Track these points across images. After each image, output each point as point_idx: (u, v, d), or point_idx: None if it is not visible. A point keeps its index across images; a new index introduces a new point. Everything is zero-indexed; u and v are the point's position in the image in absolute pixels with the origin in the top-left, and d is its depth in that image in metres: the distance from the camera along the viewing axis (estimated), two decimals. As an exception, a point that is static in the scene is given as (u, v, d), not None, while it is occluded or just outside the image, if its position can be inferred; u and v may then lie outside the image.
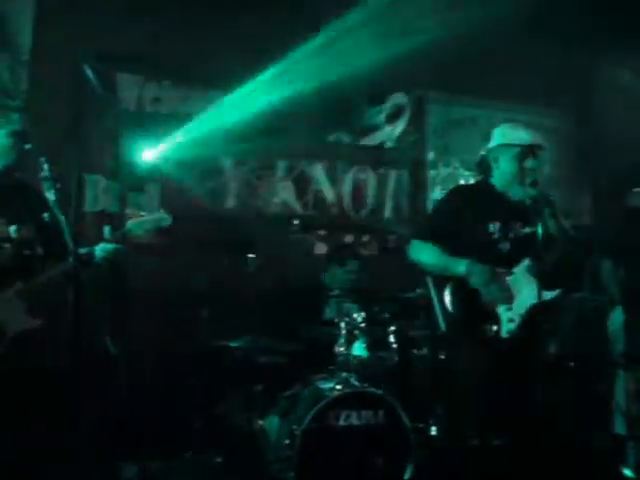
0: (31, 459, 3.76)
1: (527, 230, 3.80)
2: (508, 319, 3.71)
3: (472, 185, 4.48)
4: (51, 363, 3.84)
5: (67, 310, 4.58)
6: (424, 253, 3.88)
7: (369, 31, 6.07)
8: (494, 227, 3.81)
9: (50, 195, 3.29)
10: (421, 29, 6.15)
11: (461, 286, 3.73)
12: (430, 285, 3.98)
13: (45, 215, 3.60)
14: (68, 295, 4.34)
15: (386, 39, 6.13)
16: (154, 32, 5.48)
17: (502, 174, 3.87)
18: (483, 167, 4.00)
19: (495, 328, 3.70)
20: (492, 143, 3.94)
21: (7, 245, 3.50)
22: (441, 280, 3.85)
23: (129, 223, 3.79)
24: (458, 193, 4.13)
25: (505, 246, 3.82)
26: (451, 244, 3.79)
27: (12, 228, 3.51)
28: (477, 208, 3.84)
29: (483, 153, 4.02)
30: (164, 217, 3.90)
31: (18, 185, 3.62)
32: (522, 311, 3.72)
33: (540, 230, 3.57)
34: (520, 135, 3.84)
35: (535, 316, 3.70)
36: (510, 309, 3.72)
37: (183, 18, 5.59)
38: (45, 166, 3.31)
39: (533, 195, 3.67)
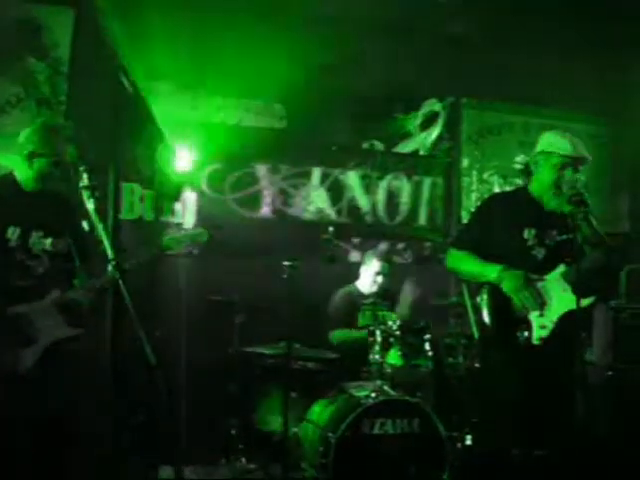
0: (69, 462, 3.81)
1: (562, 237, 3.77)
2: (540, 325, 3.68)
3: (510, 192, 4.47)
4: (90, 372, 3.89)
5: (106, 319, 4.67)
6: (460, 261, 3.88)
7: (402, 37, 6.09)
8: (529, 233, 3.79)
9: (89, 204, 3.33)
10: (451, 34, 6.17)
11: (495, 293, 3.72)
12: (465, 293, 3.97)
13: (84, 224, 3.67)
14: (107, 304, 4.43)
15: (419, 45, 6.15)
16: (191, 41, 5.54)
17: (540, 181, 3.84)
18: (526, 172, 3.97)
19: (526, 334, 3.68)
20: (538, 148, 3.91)
21: (45, 257, 3.55)
22: (476, 288, 3.84)
23: (166, 239, 3.80)
24: (495, 201, 4.12)
25: (540, 253, 3.79)
26: (486, 251, 3.78)
27: (49, 241, 3.56)
28: (513, 214, 3.83)
29: (527, 158, 4.01)
30: (202, 233, 3.92)
31: (55, 198, 3.67)
32: (554, 318, 3.69)
33: (576, 237, 3.55)
34: (564, 145, 3.79)
35: (568, 324, 3.67)
36: (542, 315, 3.69)
37: (217, 27, 5.64)
38: (84, 175, 3.36)
39: (569, 203, 3.64)
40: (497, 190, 6.45)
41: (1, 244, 3.45)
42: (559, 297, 3.70)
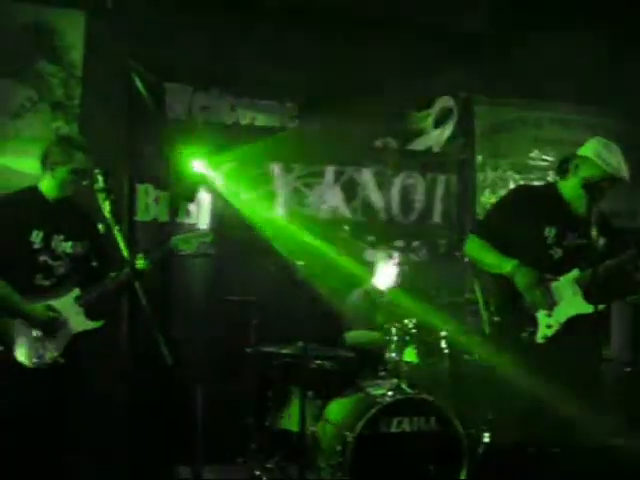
0: (85, 459, 3.87)
1: (582, 241, 3.75)
2: (546, 325, 3.68)
3: (537, 187, 4.46)
4: (108, 366, 4.01)
5: (123, 317, 4.71)
6: (479, 250, 3.88)
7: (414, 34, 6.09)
8: (550, 232, 3.77)
9: (105, 206, 3.45)
10: (465, 31, 6.15)
11: (505, 288, 3.72)
12: (477, 289, 3.97)
13: (100, 226, 3.80)
14: (123, 303, 4.50)
15: (432, 42, 6.13)
16: (202, 43, 5.56)
17: (575, 185, 3.80)
18: (562, 169, 3.92)
19: (531, 332, 3.67)
20: (582, 152, 3.85)
21: (65, 258, 3.83)
22: (487, 284, 3.84)
23: (174, 239, 4.06)
24: (521, 193, 4.11)
25: (557, 253, 3.78)
26: (505, 242, 3.78)
27: (69, 244, 3.83)
28: (537, 210, 3.82)
29: (566, 155, 3.95)
30: (207, 234, 4.20)
31: (74, 205, 3.92)
32: (562, 319, 3.68)
33: (596, 243, 3.54)
34: (612, 161, 3.75)
35: (575, 327, 3.66)
36: (550, 315, 3.69)
37: (229, 29, 5.65)
38: (100, 178, 3.49)
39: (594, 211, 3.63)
40: (512, 186, 6.42)
41: (26, 246, 3.72)
42: (569, 299, 3.70)
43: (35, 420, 3.52)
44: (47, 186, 3.84)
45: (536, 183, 6.17)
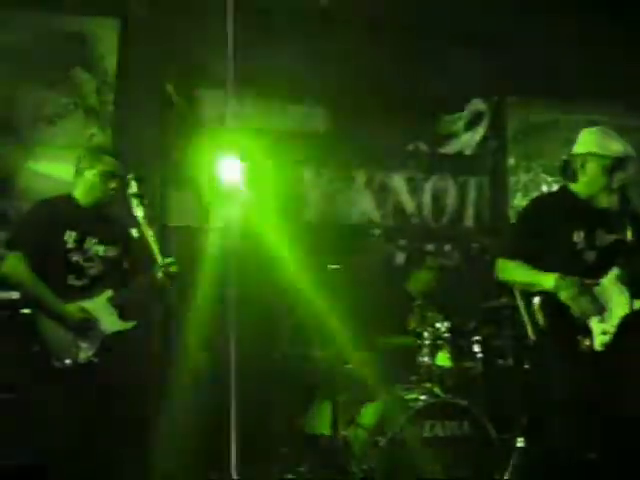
0: (113, 463, 3.90)
1: (613, 237, 3.69)
2: (601, 331, 3.58)
3: (553, 193, 4.37)
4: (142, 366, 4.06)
5: (156, 319, 4.75)
6: (512, 272, 3.77)
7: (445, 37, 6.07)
8: (578, 236, 3.69)
9: (138, 211, 3.49)
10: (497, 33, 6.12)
11: (550, 298, 3.64)
12: (517, 294, 3.90)
13: (133, 231, 3.84)
14: (157, 307, 4.55)
15: (463, 45, 6.11)
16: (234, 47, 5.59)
17: (589, 182, 3.74)
18: (567, 172, 3.87)
19: (588, 342, 3.59)
20: (580, 148, 3.81)
21: (98, 261, 3.90)
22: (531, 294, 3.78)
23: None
24: (540, 204, 3.99)
25: (590, 256, 3.69)
26: (535, 257, 3.70)
27: (102, 248, 3.89)
28: (560, 218, 3.72)
29: (566, 157, 3.91)
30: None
31: (107, 210, 4.00)
32: (616, 322, 3.60)
33: (628, 236, 3.48)
34: (613, 147, 3.69)
35: (630, 326, 3.59)
36: (602, 321, 3.59)
37: (261, 32, 5.67)
38: (133, 183, 3.53)
39: (620, 202, 3.57)
40: (545, 189, 6.36)
41: (60, 246, 3.79)
42: (617, 300, 3.60)
43: (69, 419, 3.57)
44: (79, 191, 3.93)
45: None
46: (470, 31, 6.14)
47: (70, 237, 3.80)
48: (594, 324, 3.59)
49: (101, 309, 3.83)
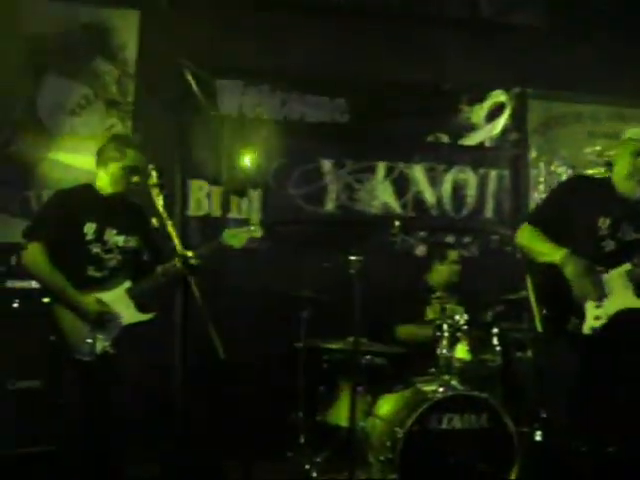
0: (140, 453, 3.93)
1: (637, 235, 3.68)
2: (594, 316, 3.60)
3: (594, 178, 4.39)
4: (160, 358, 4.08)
5: (174, 312, 4.78)
6: (529, 237, 3.83)
7: (466, 28, 6.03)
8: (603, 223, 3.70)
9: (158, 201, 3.49)
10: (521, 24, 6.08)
11: (556, 281, 3.65)
12: (528, 285, 3.91)
13: (153, 221, 3.86)
14: (177, 297, 4.57)
15: (485, 36, 6.07)
16: (252, 39, 5.59)
17: (618, 170, 3.75)
18: (608, 163, 3.90)
19: (577, 322, 3.61)
20: (622, 139, 3.83)
21: (117, 252, 3.93)
22: (538, 278, 3.79)
23: (224, 234, 4.11)
24: (578, 182, 4.05)
25: (610, 245, 3.71)
26: (557, 231, 3.72)
27: (122, 238, 3.94)
28: (593, 200, 3.75)
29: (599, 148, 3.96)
30: (256, 229, 4.21)
31: (128, 201, 4.04)
32: (611, 312, 3.60)
33: None
34: None
35: (624, 321, 3.58)
36: (599, 307, 3.61)
37: (279, 25, 5.67)
38: (153, 173, 3.53)
39: None
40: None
41: (79, 238, 3.82)
42: (620, 293, 3.62)
43: (86, 408, 3.60)
44: (101, 182, 3.96)
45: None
46: (492, 22, 6.11)
47: (90, 229, 3.84)
48: (589, 307, 3.61)
49: (119, 300, 3.85)
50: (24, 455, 4.13)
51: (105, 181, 3.94)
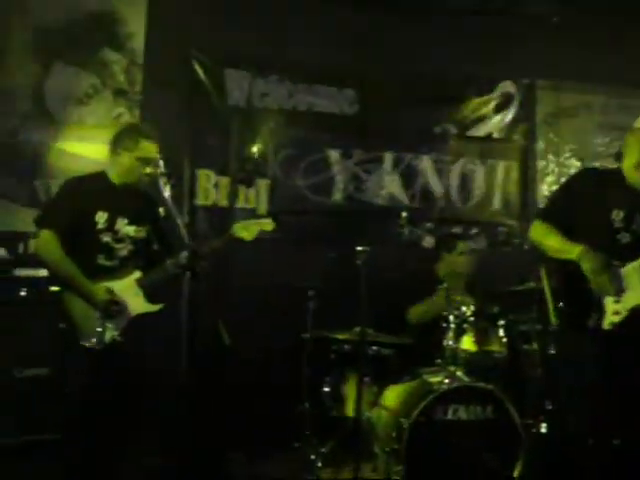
0: (146, 443, 3.94)
1: None
2: (613, 311, 3.58)
3: (604, 169, 4.36)
4: (167, 348, 4.08)
5: (182, 300, 4.80)
6: (543, 234, 3.80)
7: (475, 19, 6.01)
8: (617, 215, 3.67)
9: (166, 191, 3.50)
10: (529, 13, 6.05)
11: (572, 274, 3.64)
12: (543, 277, 3.90)
13: (160, 210, 3.86)
14: (183, 286, 4.59)
15: (494, 25, 6.04)
16: (261, 29, 5.58)
17: (628, 160, 3.73)
18: (618, 154, 3.86)
19: (597, 318, 3.59)
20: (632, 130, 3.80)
21: (128, 241, 3.93)
22: (554, 270, 3.77)
23: (234, 226, 4.09)
24: (588, 176, 4.00)
25: (625, 237, 3.68)
26: (570, 226, 3.70)
27: (132, 228, 3.93)
28: (604, 193, 3.72)
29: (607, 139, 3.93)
30: (268, 222, 4.20)
31: (138, 191, 4.01)
32: (629, 306, 3.58)
33: None
34: None
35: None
36: (618, 302, 3.59)
37: (288, 15, 5.66)
38: (160, 163, 3.54)
39: None
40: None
41: (90, 227, 3.82)
42: (637, 287, 3.59)
43: (95, 397, 3.61)
44: (113, 171, 3.96)
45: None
46: (501, 11, 6.08)
47: (101, 218, 3.84)
48: (608, 303, 3.59)
49: (129, 290, 3.85)
50: (29, 443, 4.16)
51: (117, 171, 3.95)
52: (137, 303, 3.86)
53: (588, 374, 3.60)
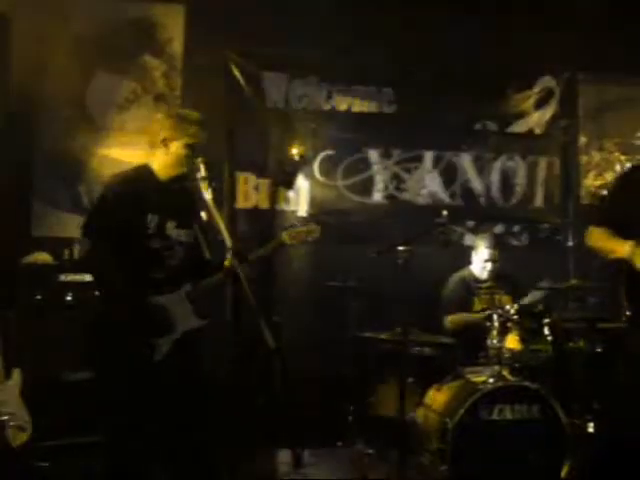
0: (192, 445, 3.94)
1: None
2: None
3: None
4: (215, 360, 4.03)
5: (227, 307, 4.80)
6: (595, 238, 3.72)
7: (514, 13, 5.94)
8: None
9: (207, 194, 3.40)
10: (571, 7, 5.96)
11: (633, 274, 3.55)
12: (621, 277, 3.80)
13: (202, 214, 3.76)
14: (227, 292, 4.54)
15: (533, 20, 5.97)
16: (297, 31, 5.60)
17: None
18: None
19: None
20: None
21: (178, 248, 3.58)
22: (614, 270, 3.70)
23: (284, 234, 3.80)
24: (633, 173, 3.92)
25: None
26: (625, 226, 3.62)
27: (183, 231, 3.60)
28: None
29: None
30: (316, 229, 3.92)
31: (183, 190, 3.68)
32: None
33: None
34: None
35: None
36: None
37: (325, 16, 5.65)
38: (201, 166, 3.44)
39: None
40: (618, 169, 6.19)
41: (141, 231, 3.47)
42: None
43: (140, 406, 3.53)
44: (160, 163, 3.59)
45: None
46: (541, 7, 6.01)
47: (152, 221, 3.49)
48: None
49: (179, 305, 3.53)
50: (75, 445, 4.21)
51: (165, 162, 3.57)
52: (187, 319, 3.55)
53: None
